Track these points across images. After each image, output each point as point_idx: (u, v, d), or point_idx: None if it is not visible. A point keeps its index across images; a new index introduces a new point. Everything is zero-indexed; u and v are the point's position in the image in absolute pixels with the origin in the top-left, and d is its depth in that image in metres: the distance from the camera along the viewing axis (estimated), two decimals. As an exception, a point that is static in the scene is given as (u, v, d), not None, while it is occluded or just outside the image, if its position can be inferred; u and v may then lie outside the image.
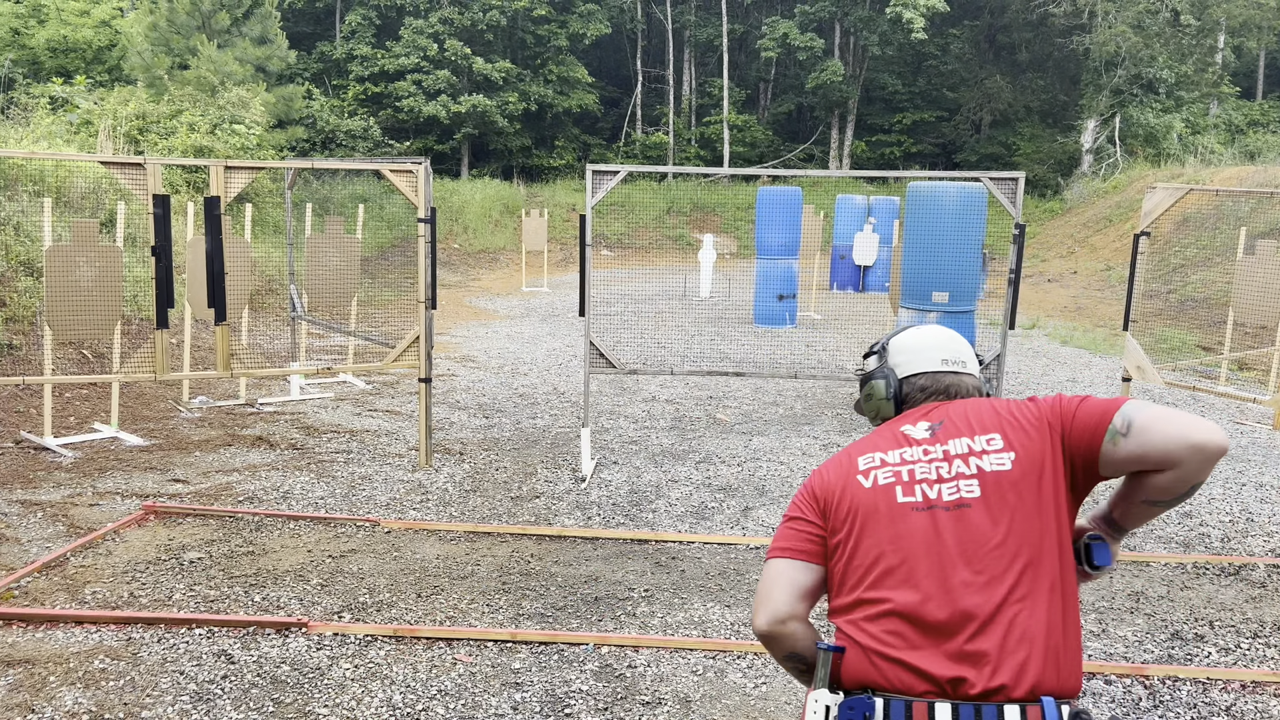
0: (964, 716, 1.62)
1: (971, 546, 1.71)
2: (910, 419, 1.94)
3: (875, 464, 1.86)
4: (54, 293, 6.00)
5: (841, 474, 1.88)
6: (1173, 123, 26.03)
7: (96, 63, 21.30)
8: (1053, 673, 1.65)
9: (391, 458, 6.75)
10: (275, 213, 15.78)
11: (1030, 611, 1.68)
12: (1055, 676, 1.65)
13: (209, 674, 3.61)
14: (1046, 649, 1.66)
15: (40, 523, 5.18)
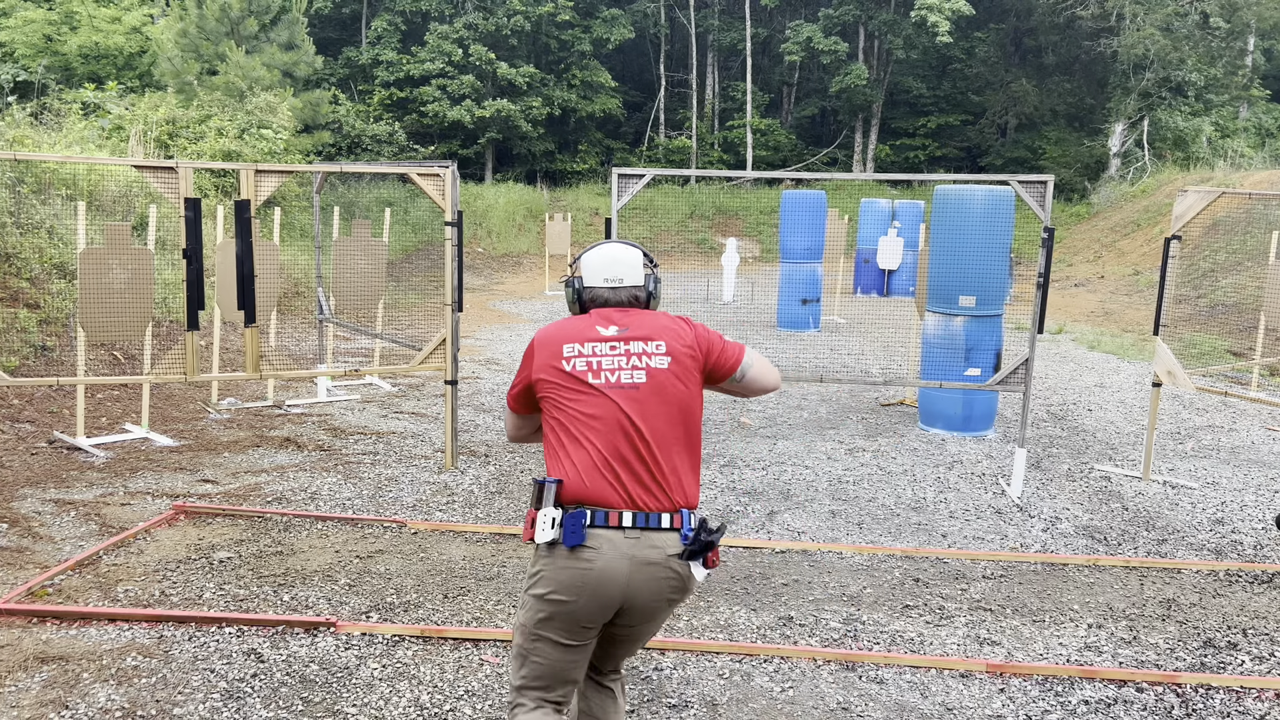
0: (639, 521, 2.52)
1: (640, 415, 2.58)
2: (602, 321, 2.70)
3: (574, 354, 2.64)
4: (87, 295, 6.08)
5: (549, 356, 2.66)
6: (1202, 126, 25.77)
7: (128, 69, 21.58)
8: (687, 495, 2.60)
9: (418, 459, 6.79)
10: (303, 216, 15.93)
11: (679, 457, 2.61)
12: (687, 498, 2.60)
13: (239, 672, 3.65)
14: (684, 481, 2.61)
15: (73, 522, 5.25)
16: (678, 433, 2.62)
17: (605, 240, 2.89)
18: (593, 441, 2.56)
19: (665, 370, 2.64)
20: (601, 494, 2.52)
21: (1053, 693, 3.67)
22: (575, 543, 2.48)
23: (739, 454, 7.16)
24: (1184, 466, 7.11)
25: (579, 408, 2.60)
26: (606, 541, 2.48)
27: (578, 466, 2.55)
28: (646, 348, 2.66)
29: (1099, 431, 8.17)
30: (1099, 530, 5.67)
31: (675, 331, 2.72)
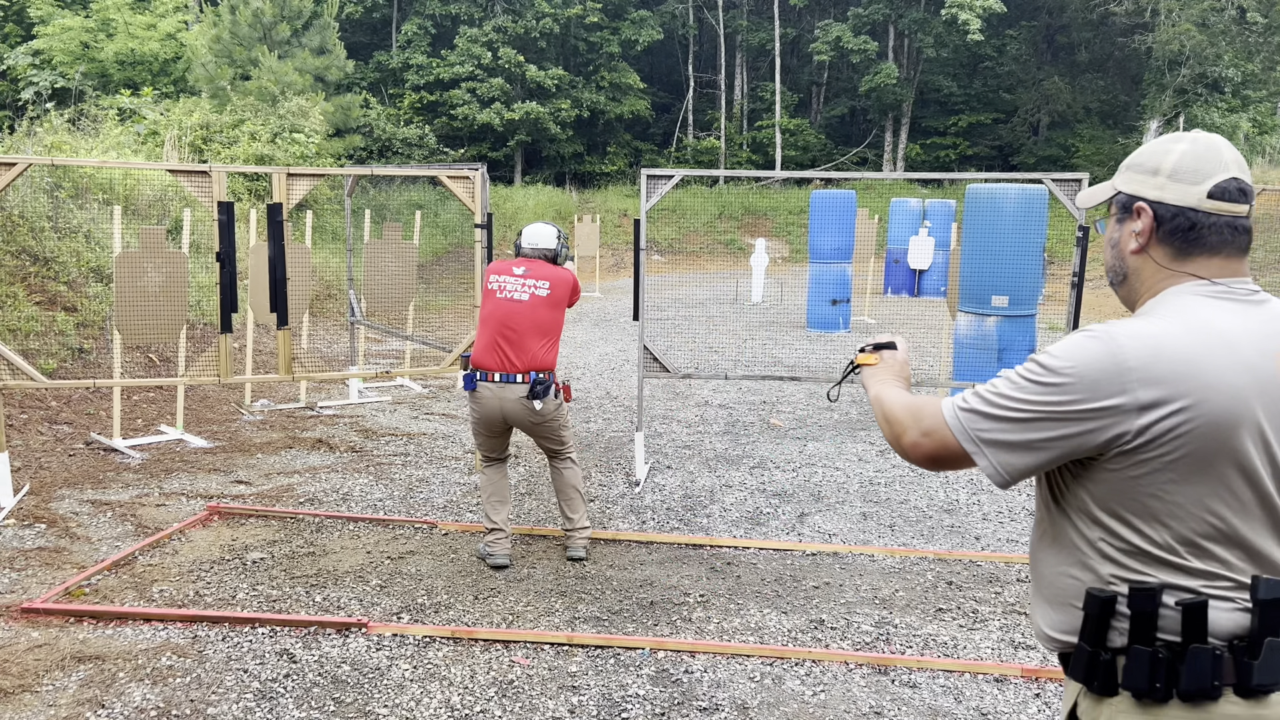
0: (503, 379, 4.57)
1: (518, 319, 4.59)
2: (515, 265, 4.72)
3: (496, 282, 4.68)
4: (123, 298, 6.16)
5: (486, 279, 4.74)
6: (1239, 122, 25.35)
7: (162, 75, 21.87)
8: (538, 363, 4.59)
9: (448, 460, 6.82)
10: (334, 219, 16.06)
11: (535, 346, 4.59)
12: (537, 365, 4.59)
13: (272, 672, 3.67)
14: (538, 357, 4.59)
15: (109, 522, 5.32)
16: (537, 328, 4.61)
17: (539, 222, 4.96)
18: (487, 330, 4.63)
19: (542, 296, 4.64)
20: (484, 363, 4.61)
21: (1089, 698, 3.62)
22: (470, 388, 4.67)
23: (769, 455, 7.12)
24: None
25: (485, 310, 4.68)
26: (485, 388, 4.62)
27: (478, 345, 4.66)
28: (536, 283, 4.66)
29: (1135, 433, 8.05)
30: (1136, 533, 5.58)
31: (560, 280, 4.71)
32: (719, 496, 6.10)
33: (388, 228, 8.37)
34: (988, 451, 1.57)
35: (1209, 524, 1.49)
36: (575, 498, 4.93)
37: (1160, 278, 1.63)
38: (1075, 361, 1.51)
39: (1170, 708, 1.48)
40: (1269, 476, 1.50)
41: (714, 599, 4.47)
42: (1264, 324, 1.56)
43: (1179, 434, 1.47)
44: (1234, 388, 1.47)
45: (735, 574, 4.80)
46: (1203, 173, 1.58)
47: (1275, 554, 1.52)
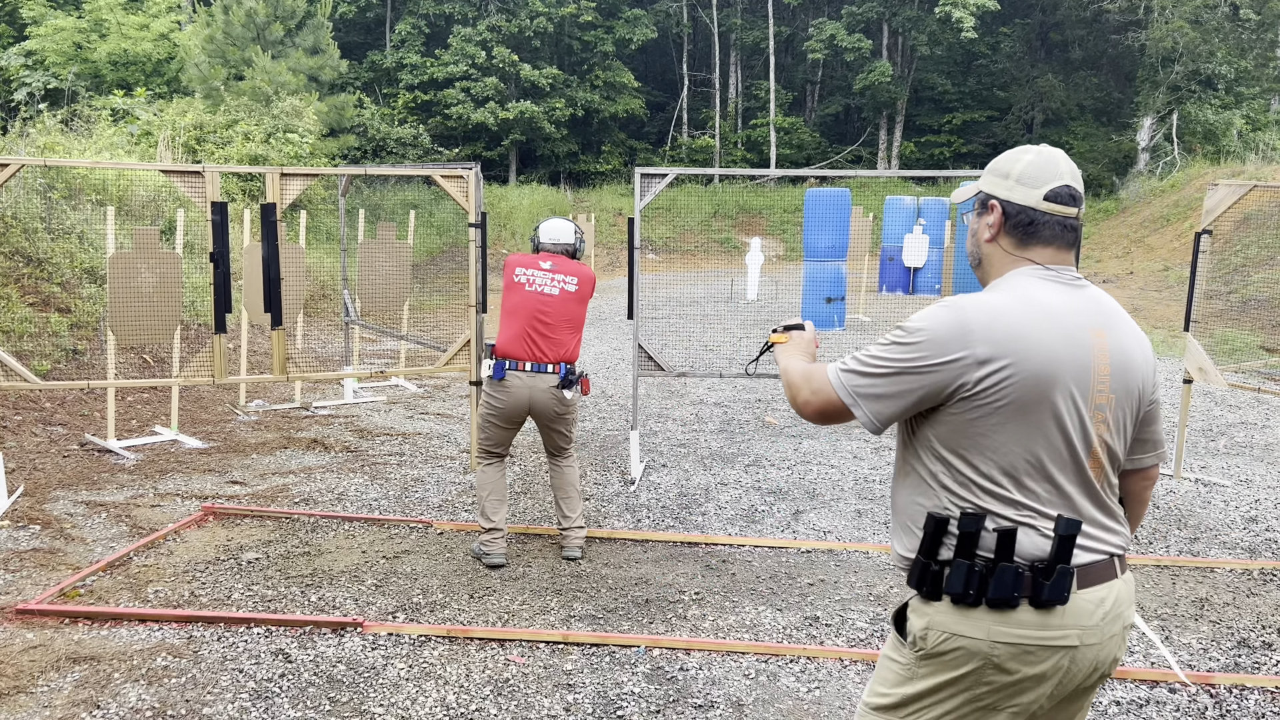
0: (534, 369, 4.67)
1: (547, 312, 4.72)
2: (541, 260, 4.81)
3: (523, 276, 4.76)
4: (117, 299, 6.15)
5: (510, 272, 4.79)
6: (1233, 119, 25.41)
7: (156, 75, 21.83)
8: (566, 355, 4.74)
9: (443, 460, 6.82)
10: (328, 219, 16.05)
11: (567, 339, 4.76)
12: (566, 356, 4.74)
13: (267, 672, 3.67)
14: (568, 349, 4.76)
15: (104, 523, 5.31)
16: (567, 322, 4.76)
17: (554, 217, 5.11)
18: (516, 321, 4.71)
19: (571, 292, 4.78)
20: (514, 352, 4.68)
21: (1083, 693, 3.63)
22: (500, 377, 4.70)
23: (764, 453, 7.13)
24: (1216, 464, 7.01)
25: (513, 301, 4.75)
26: (516, 377, 4.68)
27: (505, 335, 4.71)
28: (565, 279, 4.78)
29: (1129, 429, 8.07)
30: (1129, 529, 5.60)
31: (585, 277, 4.84)
32: (714, 494, 6.11)
33: (382, 227, 8.37)
34: (861, 403, 1.90)
35: (1027, 461, 1.82)
36: (574, 496, 4.97)
37: (1006, 262, 1.98)
38: (929, 325, 1.85)
39: (979, 611, 1.82)
40: (1074, 428, 1.84)
41: (709, 596, 4.48)
42: (1083, 304, 1.91)
43: (1006, 384, 1.80)
44: (1052, 351, 1.82)
45: (730, 571, 4.81)
46: (1042, 179, 1.95)
47: (1074, 493, 1.86)
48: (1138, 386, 1.94)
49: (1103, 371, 1.88)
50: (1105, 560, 1.87)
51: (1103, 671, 1.90)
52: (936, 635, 1.85)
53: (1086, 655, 1.84)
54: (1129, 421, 1.94)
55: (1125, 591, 1.90)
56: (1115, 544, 1.90)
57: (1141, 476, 2.08)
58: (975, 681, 1.83)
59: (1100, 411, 1.88)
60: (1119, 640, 1.89)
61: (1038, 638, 1.80)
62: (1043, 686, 1.83)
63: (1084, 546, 1.84)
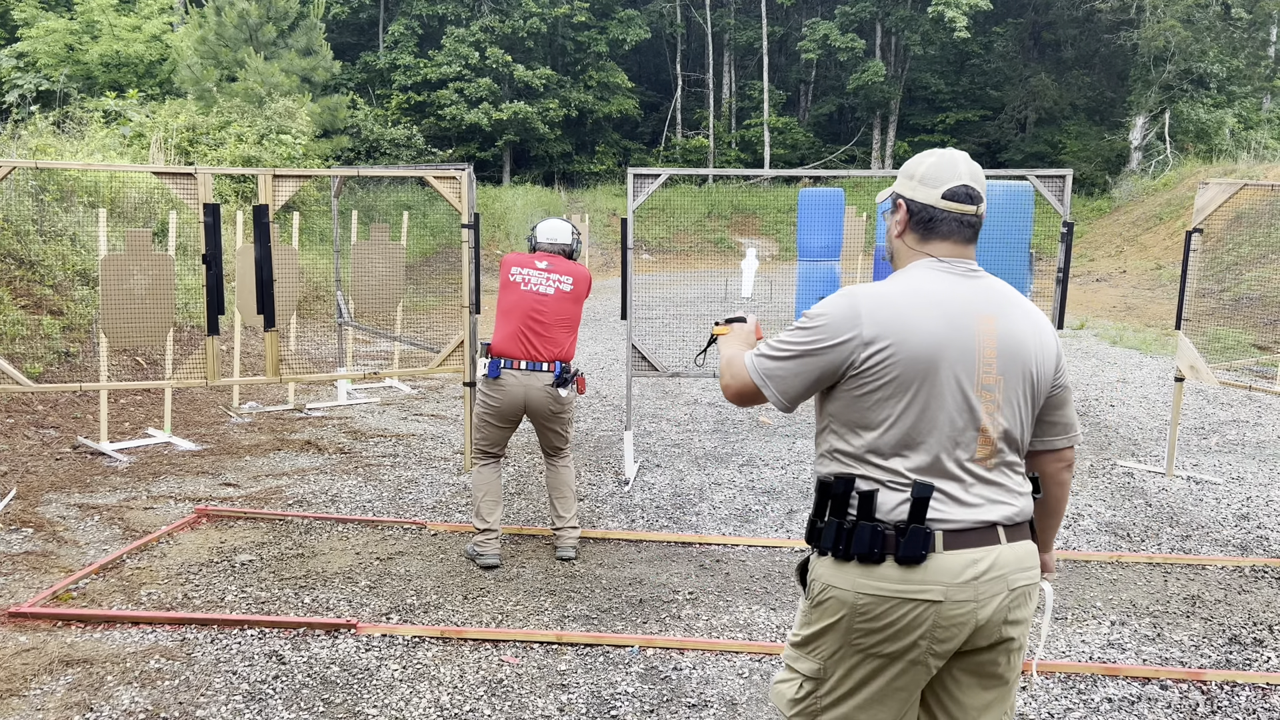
0: (529, 367, 4.67)
1: (543, 312, 4.72)
2: (537, 260, 4.84)
3: (519, 275, 4.78)
4: (109, 301, 6.14)
5: (506, 270, 4.82)
6: (1225, 118, 25.49)
7: (148, 77, 21.79)
8: (561, 354, 4.74)
9: (437, 461, 6.82)
10: (322, 221, 16.03)
11: (563, 339, 4.76)
12: (561, 355, 4.74)
13: (261, 674, 3.67)
14: (563, 348, 4.75)
15: (97, 526, 5.30)
16: (562, 321, 4.75)
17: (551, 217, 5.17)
18: (512, 320, 4.71)
19: (566, 291, 4.79)
20: (509, 351, 4.69)
21: (1075, 690, 3.65)
22: (495, 375, 4.70)
23: (757, 453, 7.14)
24: (1208, 462, 7.04)
25: (509, 301, 4.75)
26: (511, 375, 4.69)
27: (501, 334, 4.72)
28: (560, 278, 4.79)
29: (1121, 427, 8.10)
30: (1122, 527, 5.62)
31: (581, 276, 4.86)
32: (708, 494, 6.12)
33: (375, 228, 8.36)
34: (770, 383, 2.12)
35: (906, 434, 2.01)
36: (569, 496, 4.98)
37: (909, 256, 2.18)
38: (826, 311, 2.07)
39: (851, 565, 2.03)
40: (956, 406, 2.02)
41: (703, 596, 4.49)
42: (973, 292, 2.10)
43: (888, 363, 2.00)
44: (933, 334, 2.01)
45: (724, 571, 4.81)
46: (941, 179, 2.13)
47: (954, 467, 2.03)
48: (1032, 370, 2.09)
49: (988, 354, 2.04)
50: (984, 527, 2.02)
51: (999, 633, 2.04)
52: (819, 586, 2.09)
53: (957, 611, 1.99)
54: (1023, 403, 2.10)
55: (1010, 557, 2.04)
56: (1001, 515, 2.05)
57: (1055, 458, 2.24)
58: (847, 628, 2.04)
59: (988, 392, 2.04)
60: (1010, 603, 2.03)
61: (897, 590, 1.98)
62: (910, 636, 1.99)
63: (956, 515, 2.01)
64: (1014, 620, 2.06)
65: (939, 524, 2.00)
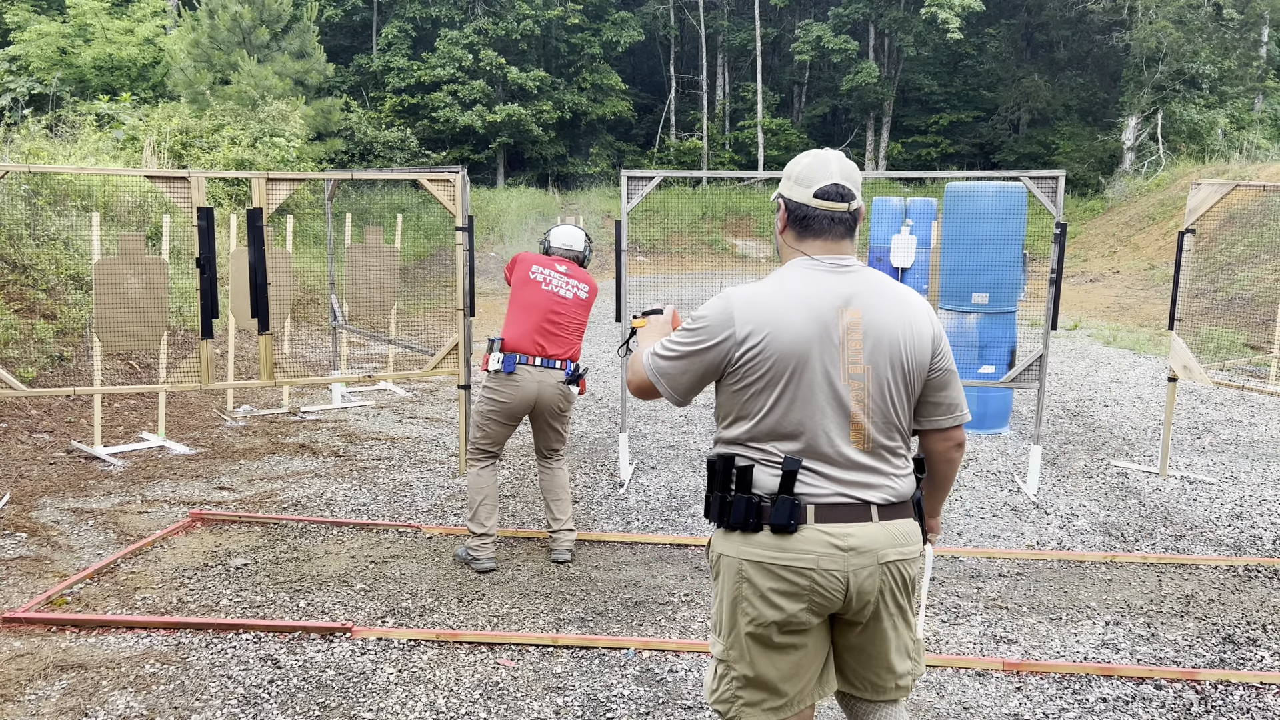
0: (541, 364, 4.72)
1: (561, 314, 4.78)
2: (557, 263, 4.89)
3: (540, 274, 4.81)
4: (102, 305, 6.13)
5: (525, 267, 4.85)
6: (1217, 118, 25.58)
7: (141, 80, 21.73)
8: (574, 354, 4.84)
9: (432, 464, 6.81)
10: (315, 224, 16.01)
11: (574, 339, 4.86)
12: (572, 354, 4.83)
13: (256, 678, 3.66)
14: (575, 350, 4.84)
15: (91, 530, 5.29)
16: (575, 325, 4.84)
17: (565, 224, 5.20)
18: (530, 317, 4.74)
19: (583, 299, 4.88)
20: (524, 347, 4.71)
21: (1070, 691, 3.65)
22: (510, 370, 4.69)
23: (753, 455, 7.15)
24: (1201, 461, 7.06)
25: (527, 298, 4.77)
26: (525, 370, 4.70)
27: (515, 330, 4.72)
28: (578, 285, 4.87)
29: (1115, 427, 8.12)
30: (1116, 527, 5.63)
31: (592, 284, 4.95)
32: (703, 496, 6.11)
33: (369, 231, 8.35)
34: (663, 380, 2.30)
35: (779, 421, 2.17)
36: (565, 499, 5.00)
37: (788, 254, 2.33)
38: (707, 313, 2.24)
39: (735, 535, 2.21)
40: (825, 395, 2.16)
41: (698, 598, 4.49)
42: (840, 287, 2.21)
43: (760, 357, 2.16)
44: (799, 330, 2.15)
45: (719, 573, 4.82)
46: (813, 179, 2.26)
47: (830, 450, 2.17)
48: (902, 357, 2.21)
49: (854, 346, 2.18)
50: (855, 504, 2.18)
51: (871, 601, 2.20)
52: (714, 556, 2.29)
53: (829, 580, 2.15)
54: (897, 389, 2.22)
55: (882, 534, 2.19)
56: (876, 496, 2.20)
57: (941, 437, 2.37)
58: (736, 591, 2.22)
59: (856, 380, 2.18)
60: (882, 575, 2.19)
61: (773, 557, 2.16)
62: (793, 603, 2.17)
63: (827, 490, 2.17)
64: (888, 590, 2.21)
65: (810, 498, 2.17)
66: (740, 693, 2.25)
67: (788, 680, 2.23)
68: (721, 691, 2.29)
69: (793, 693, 2.25)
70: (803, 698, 2.27)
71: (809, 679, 2.27)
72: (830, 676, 2.33)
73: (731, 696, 2.27)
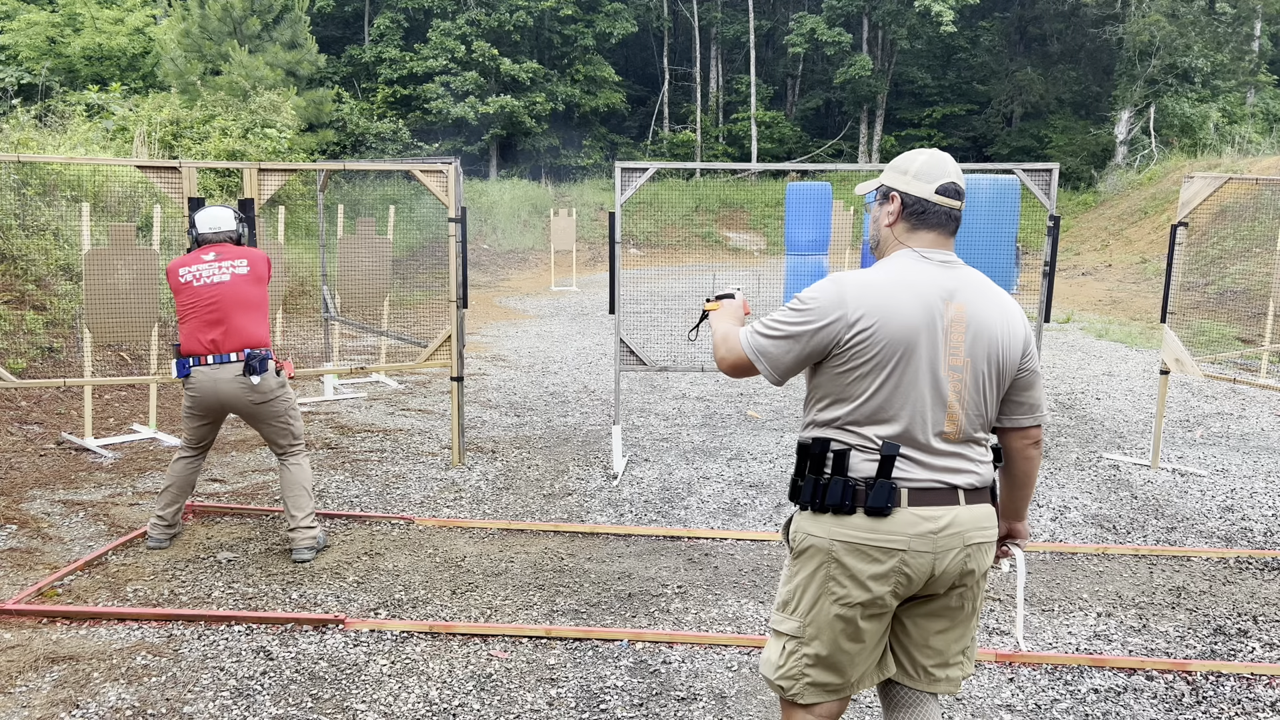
0: (215, 361, 4.56)
1: (218, 301, 4.56)
2: (203, 254, 4.67)
3: (188, 274, 4.62)
4: (93, 296, 6.09)
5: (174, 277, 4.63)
6: (1209, 112, 25.62)
7: (131, 70, 21.61)
8: (249, 340, 4.58)
9: (425, 456, 6.80)
10: (307, 215, 15.94)
11: (248, 325, 4.60)
12: (248, 341, 4.58)
13: (249, 670, 3.65)
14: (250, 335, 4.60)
15: (82, 522, 5.27)
16: (243, 304, 4.58)
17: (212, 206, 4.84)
18: (192, 320, 4.58)
19: (243, 274, 4.63)
20: (194, 349, 4.57)
21: (1062, 681, 3.67)
22: (184, 375, 4.62)
23: (746, 447, 7.15)
24: (1193, 454, 7.08)
25: (184, 302, 4.61)
26: (199, 372, 4.58)
27: (184, 336, 4.59)
28: (234, 264, 4.64)
29: (1107, 420, 8.14)
30: (1108, 519, 5.65)
31: (256, 257, 4.72)
32: (696, 488, 6.12)
33: (361, 223, 8.33)
34: (762, 358, 2.33)
35: (880, 406, 2.22)
36: (300, 494, 4.77)
37: (893, 246, 2.37)
38: (818, 294, 2.28)
39: (826, 516, 2.27)
40: (927, 383, 2.22)
41: (692, 590, 4.49)
42: (946, 280, 2.29)
43: (870, 341, 2.21)
44: (909, 318, 2.21)
45: (713, 565, 4.82)
46: (934, 176, 2.34)
47: (923, 436, 2.23)
48: (998, 354, 2.29)
49: (957, 338, 2.25)
50: (945, 488, 2.25)
51: (952, 581, 2.28)
52: (800, 536, 2.32)
53: (919, 561, 2.23)
54: (990, 384, 2.30)
55: (968, 517, 2.27)
56: (963, 481, 2.27)
57: (1020, 435, 2.44)
58: (826, 575, 2.27)
59: (956, 372, 2.25)
60: (965, 557, 2.27)
61: (866, 538, 2.22)
62: (881, 585, 2.23)
63: (920, 475, 2.24)
64: (969, 570, 2.29)
65: (904, 482, 2.23)
66: (809, 670, 2.31)
67: (855, 663, 2.31)
68: (789, 668, 2.34)
69: (855, 676, 2.33)
70: (862, 682, 2.35)
71: (871, 664, 2.34)
72: (889, 660, 2.39)
73: (799, 674, 2.33)
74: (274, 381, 4.66)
